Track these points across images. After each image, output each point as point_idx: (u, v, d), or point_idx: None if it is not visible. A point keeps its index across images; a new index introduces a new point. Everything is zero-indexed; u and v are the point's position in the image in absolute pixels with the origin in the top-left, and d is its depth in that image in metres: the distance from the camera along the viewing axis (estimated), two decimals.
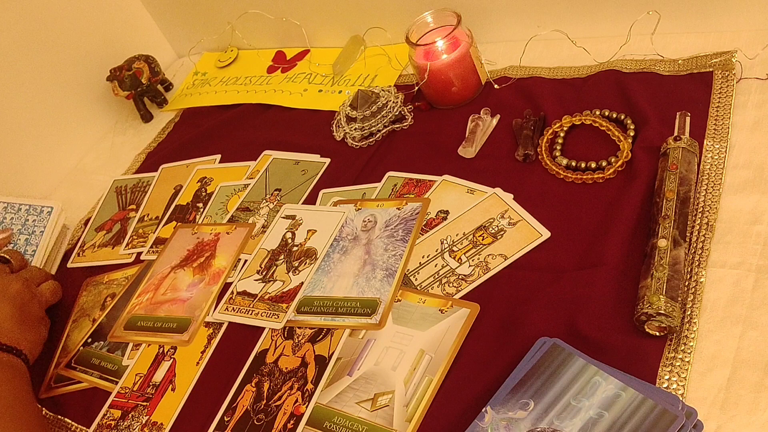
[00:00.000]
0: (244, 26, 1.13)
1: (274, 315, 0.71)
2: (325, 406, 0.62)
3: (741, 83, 0.72)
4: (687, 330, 0.56)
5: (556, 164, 0.73)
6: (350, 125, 0.88)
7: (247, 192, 0.89)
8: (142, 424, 0.68)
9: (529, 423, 0.52)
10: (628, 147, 0.70)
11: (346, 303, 0.69)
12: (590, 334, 0.57)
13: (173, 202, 0.94)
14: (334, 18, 1.04)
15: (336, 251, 0.75)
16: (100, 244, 0.93)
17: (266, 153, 0.94)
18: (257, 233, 0.82)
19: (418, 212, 0.74)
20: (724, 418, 0.51)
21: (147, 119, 1.15)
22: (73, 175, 1.13)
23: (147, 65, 1.12)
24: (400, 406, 0.59)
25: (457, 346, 0.61)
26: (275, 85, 1.06)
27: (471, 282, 0.66)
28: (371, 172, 0.83)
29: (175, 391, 0.70)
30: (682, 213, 0.61)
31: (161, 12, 1.23)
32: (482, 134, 0.80)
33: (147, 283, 0.82)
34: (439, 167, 0.79)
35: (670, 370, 0.54)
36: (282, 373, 0.66)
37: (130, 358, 0.75)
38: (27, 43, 1.05)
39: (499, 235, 0.69)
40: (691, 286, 0.58)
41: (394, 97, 0.88)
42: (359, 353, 0.64)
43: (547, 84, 0.82)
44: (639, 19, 0.78)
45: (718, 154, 0.66)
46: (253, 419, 0.64)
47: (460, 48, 0.82)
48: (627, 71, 0.78)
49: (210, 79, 1.16)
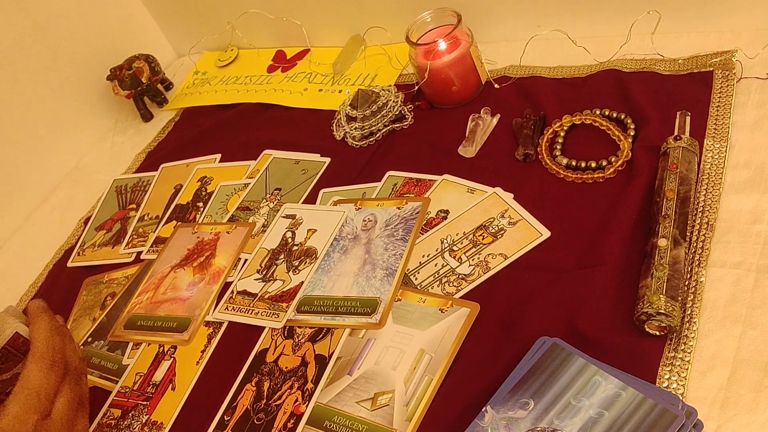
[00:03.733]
0: (244, 26, 1.13)
1: (274, 314, 0.71)
2: (325, 406, 0.62)
3: (741, 83, 0.72)
4: (687, 329, 0.56)
5: (557, 164, 0.73)
6: (350, 125, 0.88)
7: (248, 191, 0.89)
8: (142, 423, 0.68)
9: (529, 422, 0.52)
10: (628, 146, 0.70)
11: (346, 302, 0.69)
12: (590, 333, 0.57)
13: (173, 201, 0.94)
14: (334, 17, 1.04)
15: (336, 251, 0.75)
16: (100, 244, 0.93)
17: (266, 152, 0.94)
18: (257, 232, 0.82)
19: (418, 212, 0.74)
20: (724, 417, 0.51)
21: (147, 119, 1.15)
22: (73, 174, 1.13)
23: (147, 64, 1.12)
24: (400, 405, 0.59)
25: (457, 345, 0.61)
26: (275, 85, 1.06)
27: (471, 281, 0.66)
28: (371, 171, 0.83)
29: (175, 390, 0.70)
30: (682, 212, 0.61)
31: (161, 11, 1.23)
32: (482, 134, 0.80)
33: (147, 283, 0.82)
34: (439, 167, 0.79)
35: (670, 370, 0.54)
36: (282, 372, 0.66)
37: (130, 358, 0.75)
38: (27, 42, 1.05)
39: (499, 235, 0.69)
40: (691, 286, 0.58)
41: (394, 97, 0.88)
42: (359, 353, 0.64)
43: (548, 83, 0.82)
44: (639, 19, 0.78)
45: (719, 153, 0.66)
46: (253, 419, 0.64)
47: (460, 47, 0.82)
48: (627, 71, 0.78)
49: (210, 79, 1.16)
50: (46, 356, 0.57)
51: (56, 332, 0.60)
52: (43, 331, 0.59)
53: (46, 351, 0.57)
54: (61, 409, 0.57)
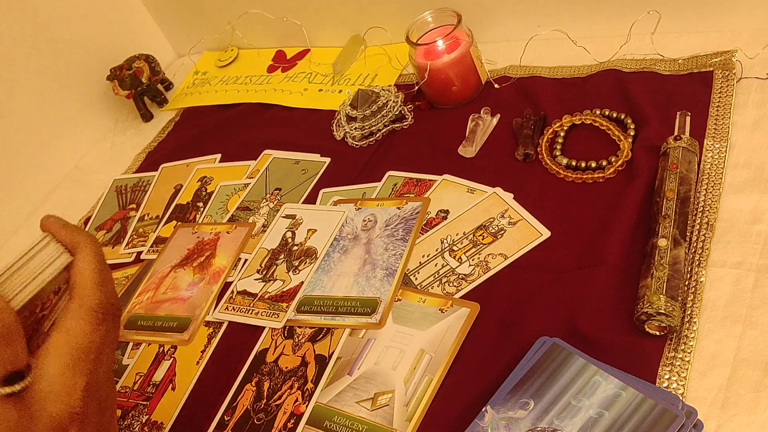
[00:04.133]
0: (244, 26, 1.13)
1: (274, 314, 0.71)
2: (325, 406, 0.62)
3: (741, 83, 0.72)
4: (687, 329, 0.56)
5: (557, 164, 0.73)
6: (350, 125, 0.89)
7: (248, 191, 0.89)
8: (142, 423, 0.68)
9: (529, 422, 0.52)
10: (628, 146, 0.70)
11: (346, 302, 0.69)
12: (590, 333, 0.57)
13: (173, 201, 0.94)
14: (334, 17, 1.04)
15: (336, 251, 0.75)
16: (101, 244, 0.93)
17: (266, 152, 0.94)
18: (257, 232, 0.82)
19: (418, 212, 0.74)
20: (724, 417, 0.51)
21: (147, 119, 1.15)
22: (73, 174, 1.13)
23: (147, 64, 1.12)
24: (400, 405, 0.59)
25: (457, 345, 0.61)
26: (275, 85, 1.06)
27: (471, 281, 0.66)
28: (371, 171, 0.83)
29: (175, 390, 0.70)
30: (682, 212, 0.61)
31: (161, 11, 1.23)
32: (482, 134, 0.80)
33: (147, 283, 0.82)
34: (439, 167, 0.79)
35: (670, 370, 0.54)
36: (282, 372, 0.66)
37: (131, 358, 0.75)
38: (27, 42, 1.05)
39: (499, 235, 0.69)
40: (691, 286, 0.58)
41: (394, 97, 0.88)
42: (359, 353, 0.64)
43: (548, 83, 0.82)
44: (639, 19, 0.78)
45: (718, 153, 0.66)
46: (253, 419, 0.64)
47: (460, 47, 0.82)
48: (627, 71, 0.78)
49: (210, 79, 1.16)
50: (98, 308, 0.44)
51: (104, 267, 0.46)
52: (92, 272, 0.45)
53: (98, 302, 0.44)
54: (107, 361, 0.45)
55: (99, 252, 0.46)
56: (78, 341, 0.43)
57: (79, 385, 0.42)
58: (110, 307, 0.45)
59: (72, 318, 0.43)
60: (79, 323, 0.43)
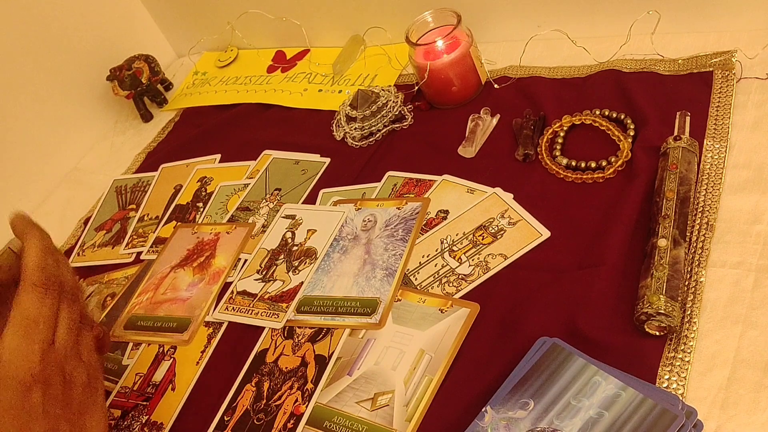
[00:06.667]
0: (244, 26, 1.13)
1: (274, 314, 0.71)
2: (325, 406, 0.62)
3: (741, 83, 0.72)
4: (687, 330, 0.56)
5: (556, 164, 0.73)
6: (350, 125, 0.88)
7: (247, 192, 0.89)
8: (142, 423, 0.68)
9: (528, 423, 0.52)
10: (628, 147, 0.70)
11: (346, 303, 0.69)
12: (590, 333, 0.57)
13: (173, 201, 0.94)
14: (334, 18, 1.04)
15: (336, 251, 0.75)
16: (100, 244, 0.93)
17: (266, 153, 0.94)
18: (257, 233, 0.82)
19: (418, 212, 0.74)
20: (724, 417, 0.51)
21: (147, 119, 1.15)
22: (73, 174, 1.13)
23: (147, 65, 1.12)
24: (400, 405, 0.59)
25: (457, 345, 0.61)
26: (275, 85, 1.06)
27: (471, 282, 0.66)
28: (371, 171, 0.83)
29: (174, 390, 0.70)
30: (682, 213, 0.61)
31: (161, 12, 1.23)
32: (482, 134, 0.80)
33: (147, 283, 0.82)
34: (439, 167, 0.79)
35: (669, 370, 0.54)
36: (282, 372, 0.66)
37: (130, 358, 0.75)
38: (27, 42, 1.05)
39: (499, 235, 0.69)
40: (691, 286, 0.58)
41: (394, 97, 0.88)
42: (359, 353, 0.64)
43: (547, 84, 0.82)
44: (639, 19, 0.78)
45: (718, 153, 0.66)
46: (253, 419, 0.64)
47: (460, 48, 0.82)
48: (627, 71, 0.78)
49: (210, 79, 1.16)
50: (40, 282, 0.51)
51: (48, 252, 0.54)
52: (35, 252, 0.52)
53: (40, 276, 0.51)
54: (64, 334, 0.52)
55: (44, 240, 0.54)
56: (25, 312, 0.50)
57: (35, 351, 0.49)
58: (53, 285, 0.52)
59: (20, 293, 0.51)
60: (25, 297, 0.51)
